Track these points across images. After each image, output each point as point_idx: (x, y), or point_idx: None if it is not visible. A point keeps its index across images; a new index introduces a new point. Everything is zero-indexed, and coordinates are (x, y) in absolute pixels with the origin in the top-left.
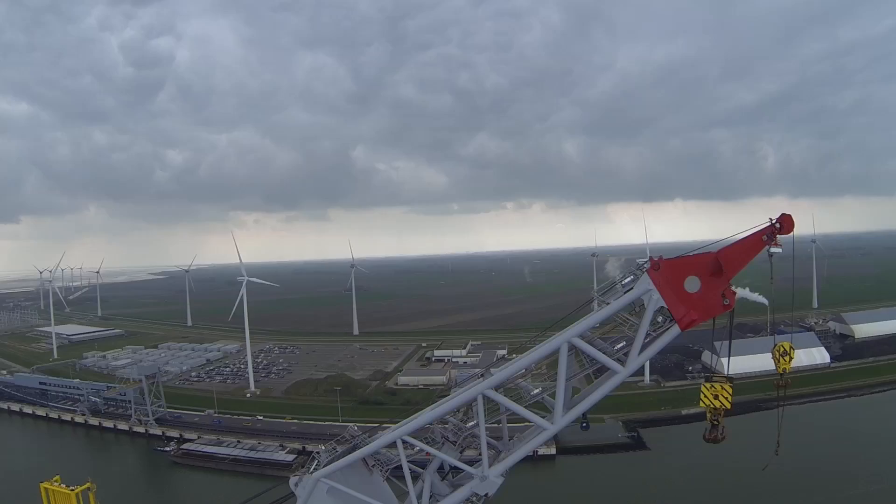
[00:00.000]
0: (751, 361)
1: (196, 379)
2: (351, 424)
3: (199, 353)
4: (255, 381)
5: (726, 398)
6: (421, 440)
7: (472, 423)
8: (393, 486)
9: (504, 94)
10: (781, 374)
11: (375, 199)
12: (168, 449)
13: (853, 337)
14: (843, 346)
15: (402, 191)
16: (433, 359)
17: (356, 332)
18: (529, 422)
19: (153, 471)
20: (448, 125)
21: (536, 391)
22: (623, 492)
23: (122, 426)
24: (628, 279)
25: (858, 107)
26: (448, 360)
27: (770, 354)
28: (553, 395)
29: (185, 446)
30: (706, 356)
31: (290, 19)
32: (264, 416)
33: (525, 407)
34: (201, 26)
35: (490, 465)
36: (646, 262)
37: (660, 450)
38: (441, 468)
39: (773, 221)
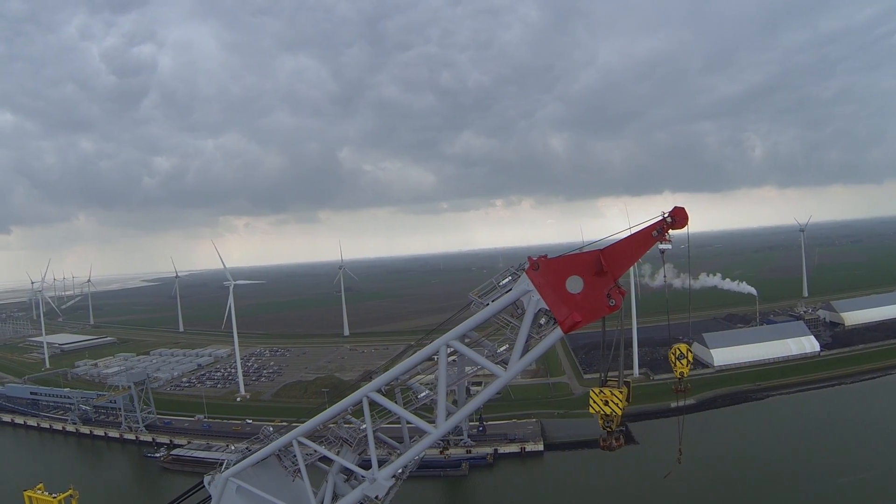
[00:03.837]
0: (736, 352)
1: (187, 384)
2: (265, 425)
3: (191, 358)
4: (246, 384)
5: (617, 404)
6: (322, 441)
7: (363, 425)
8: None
9: (487, 91)
10: (679, 379)
11: (364, 199)
12: (158, 455)
13: (843, 325)
14: (833, 335)
15: (390, 191)
16: None
17: (346, 332)
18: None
19: (142, 477)
20: (433, 125)
21: (423, 394)
22: (611, 486)
23: (113, 434)
24: (506, 280)
25: (843, 96)
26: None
27: (764, 344)
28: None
29: (174, 452)
30: (696, 348)
31: (270, 23)
32: (253, 420)
33: (412, 411)
34: (182, 32)
35: (380, 468)
36: (524, 261)
37: (648, 444)
38: (348, 469)
39: (665, 215)
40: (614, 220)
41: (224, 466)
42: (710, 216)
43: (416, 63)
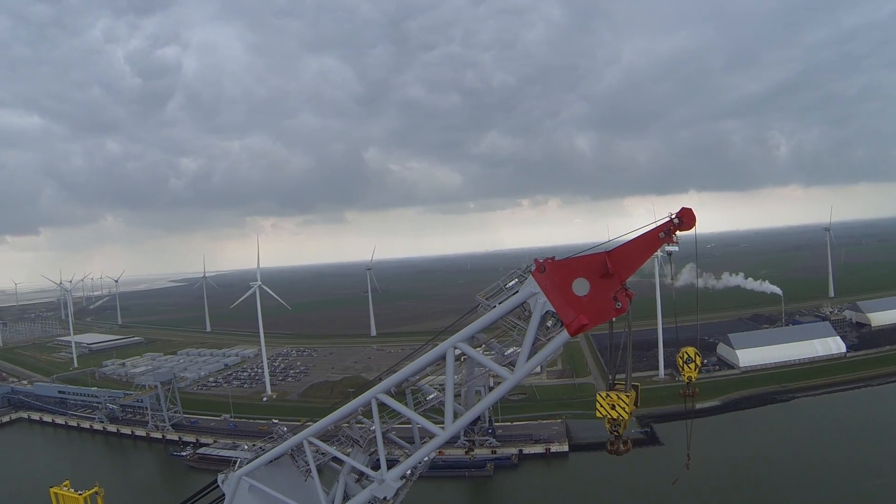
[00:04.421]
0: (762, 353)
1: (214, 384)
2: (279, 425)
3: (218, 358)
4: (272, 384)
5: (624, 408)
6: (334, 441)
7: (373, 426)
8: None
9: (512, 91)
10: (687, 383)
11: (391, 199)
12: (184, 454)
13: (869, 325)
14: (859, 335)
15: (416, 191)
16: None
17: (373, 333)
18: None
19: (168, 475)
20: (458, 124)
21: (432, 395)
22: (635, 487)
23: (140, 432)
24: (513, 282)
25: (867, 92)
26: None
27: (789, 345)
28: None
29: (200, 451)
30: (722, 348)
31: (293, 24)
32: (280, 420)
33: (422, 412)
34: (206, 34)
35: (389, 469)
36: (531, 264)
37: (673, 445)
38: (359, 470)
39: (672, 216)
40: (641, 219)
41: (237, 465)
42: (735, 215)
43: (440, 63)
